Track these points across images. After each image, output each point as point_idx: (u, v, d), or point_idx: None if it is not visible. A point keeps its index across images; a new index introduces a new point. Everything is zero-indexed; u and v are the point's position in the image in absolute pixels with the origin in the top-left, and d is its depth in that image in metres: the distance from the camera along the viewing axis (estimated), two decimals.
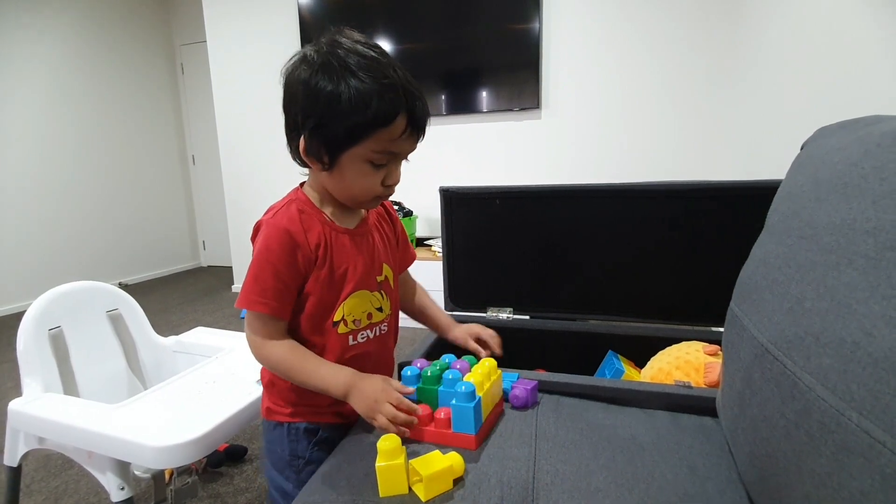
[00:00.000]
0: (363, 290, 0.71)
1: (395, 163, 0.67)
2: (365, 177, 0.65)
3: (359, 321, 0.72)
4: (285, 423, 0.73)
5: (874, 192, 0.42)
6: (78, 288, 1.12)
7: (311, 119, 0.63)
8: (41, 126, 3.36)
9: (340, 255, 0.69)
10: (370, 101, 0.60)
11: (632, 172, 2.56)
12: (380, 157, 0.64)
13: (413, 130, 0.64)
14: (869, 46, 1.44)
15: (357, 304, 0.71)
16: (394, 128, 0.62)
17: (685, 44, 2.41)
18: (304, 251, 0.66)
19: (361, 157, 0.63)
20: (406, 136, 0.63)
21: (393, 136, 0.62)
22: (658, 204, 1.05)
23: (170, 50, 4.27)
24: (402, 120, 0.62)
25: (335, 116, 0.61)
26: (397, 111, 0.61)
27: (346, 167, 0.65)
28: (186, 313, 3.07)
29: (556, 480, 0.57)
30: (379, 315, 0.74)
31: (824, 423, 0.39)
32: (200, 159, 4.41)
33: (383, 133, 0.62)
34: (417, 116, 0.63)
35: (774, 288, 0.52)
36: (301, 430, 0.72)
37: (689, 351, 0.91)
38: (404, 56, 2.80)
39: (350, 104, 0.60)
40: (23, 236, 3.27)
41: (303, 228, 0.66)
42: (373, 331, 0.74)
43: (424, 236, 2.88)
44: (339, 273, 0.69)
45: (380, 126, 0.61)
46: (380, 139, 0.62)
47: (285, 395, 0.73)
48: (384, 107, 0.60)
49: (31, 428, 0.93)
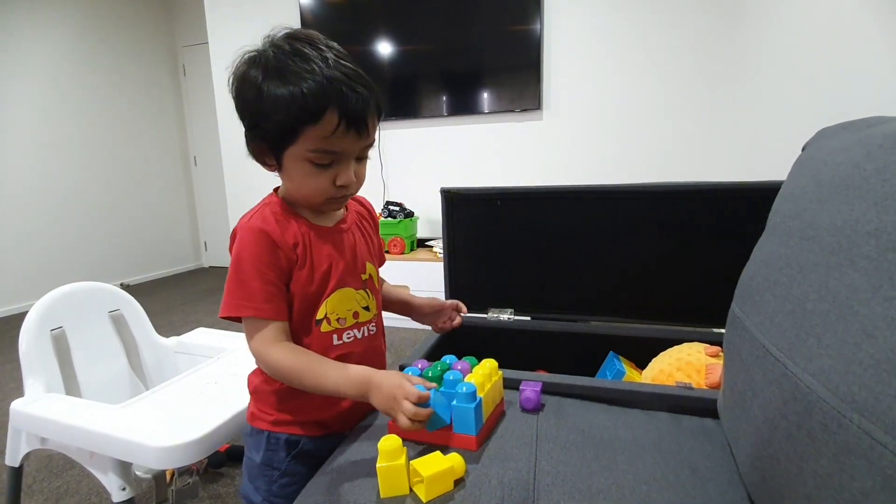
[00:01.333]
0: (347, 288, 0.70)
1: (342, 162, 0.63)
2: (311, 177, 0.62)
3: (343, 320, 0.70)
4: (265, 431, 0.70)
5: (876, 193, 0.42)
6: (80, 289, 1.12)
7: (246, 120, 0.62)
8: (43, 127, 3.37)
9: (320, 253, 0.67)
10: (293, 98, 0.57)
11: (633, 173, 2.56)
12: (319, 157, 0.61)
13: (350, 126, 0.59)
14: (870, 47, 1.44)
15: (341, 302, 0.69)
16: (324, 124, 0.58)
17: (686, 45, 2.41)
18: (284, 250, 0.64)
19: (300, 156, 0.61)
20: (341, 132, 0.59)
21: (325, 133, 0.59)
22: (659, 205, 1.05)
23: (172, 51, 4.28)
24: (332, 116, 0.58)
25: (263, 115, 0.59)
26: (324, 107, 0.57)
27: (290, 168, 0.63)
28: (188, 314, 3.08)
29: (557, 481, 0.57)
30: (366, 314, 0.73)
31: (826, 424, 0.39)
32: (202, 160, 4.42)
33: (314, 130, 0.59)
34: (351, 111, 0.59)
35: (776, 289, 0.52)
36: (282, 440, 0.70)
37: (691, 352, 0.91)
38: (406, 58, 2.81)
39: (274, 102, 0.58)
40: (25, 237, 3.28)
41: (279, 229, 0.64)
42: (360, 331, 0.72)
43: (425, 237, 2.88)
44: (319, 271, 0.67)
45: (306, 123, 0.58)
46: (312, 137, 0.59)
47: (270, 404, 0.71)
48: (308, 103, 0.57)
49: (33, 428, 0.94)
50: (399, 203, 2.74)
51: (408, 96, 2.86)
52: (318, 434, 0.71)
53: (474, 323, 1.16)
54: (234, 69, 0.63)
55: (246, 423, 0.74)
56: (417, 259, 2.57)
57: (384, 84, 2.82)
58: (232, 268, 0.64)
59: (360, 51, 2.80)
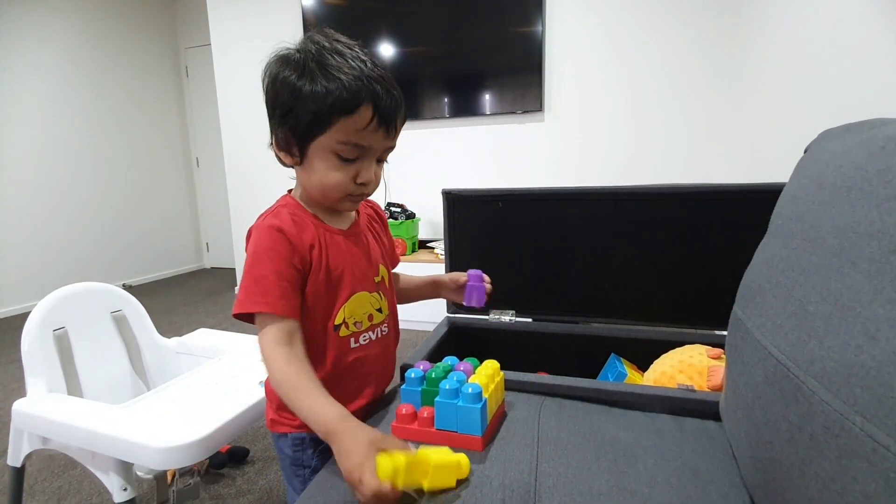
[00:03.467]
0: (362, 292, 0.71)
1: (366, 159, 0.65)
2: (334, 171, 0.64)
3: (360, 323, 0.71)
4: (290, 433, 0.71)
5: (878, 195, 0.42)
6: (82, 289, 1.13)
7: (278, 109, 0.63)
8: (46, 129, 3.38)
9: (336, 256, 0.68)
10: (332, 88, 0.59)
11: (635, 175, 2.56)
12: (347, 150, 0.62)
13: (381, 123, 0.62)
14: (873, 49, 1.44)
15: (357, 306, 0.70)
16: (358, 117, 0.60)
17: (688, 47, 2.41)
18: (300, 252, 0.64)
19: (328, 147, 0.62)
20: (373, 128, 0.62)
21: (358, 127, 0.61)
22: (661, 207, 1.05)
23: (175, 53, 4.30)
24: (366, 110, 0.61)
25: (299, 103, 0.61)
26: (360, 99, 0.60)
27: (314, 160, 0.64)
28: (190, 315, 3.08)
29: (558, 483, 0.57)
30: (379, 316, 0.74)
31: (828, 426, 0.39)
32: (204, 162, 4.43)
33: (347, 122, 0.60)
34: (384, 108, 0.62)
35: (778, 291, 0.51)
36: (307, 439, 0.70)
37: (693, 354, 0.91)
38: (408, 59, 2.81)
39: (312, 91, 0.60)
40: (28, 238, 3.29)
41: (296, 230, 0.65)
42: (375, 332, 0.73)
43: (427, 238, 2.88)
44: (335, 275, 0.67)
45: (342, 113, 0.60)
46: (344, 129, 0.61)
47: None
48: (346, 94, 0.59)
49: (35, 428, 0.94)
50: (401, 204, 2.74)
51: (409, 98, 2.85)
52: None
53: (476, 324, 1.16)
54: (271, 58, 0.64)
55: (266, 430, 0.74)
56: (419, 260, 2.57)
57: None
58: (247, 266, 0.64)
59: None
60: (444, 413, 0.63)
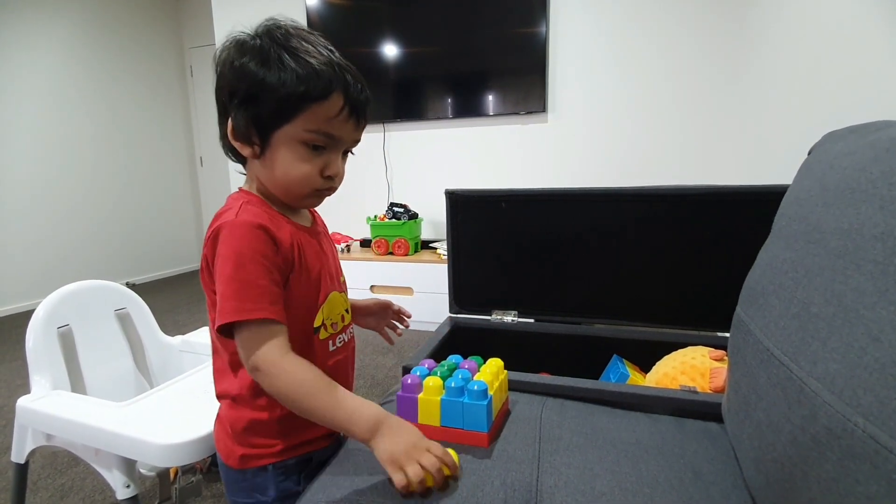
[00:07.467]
0: (335, 292, 0.67)
1: (333, 151, 0.61)
2: (301, 162, 0.59)
3: (336, 324, 0.67)
4: (270, 464, 0.62)
5: (882, 197, 0.42)
6: (86, 287, 1.13)
7: (237, 94, 0.57)
8: (51, 127, 3.40)
9: (311, 255, 0.64)
10: (302, 73, 0.55)
11: (638, 176, 2.55)
12: (316, 138, 0.58)
13: (351, 113, 0.59)
14: (877, 51, 1.44)
15: (333, 307, 0.66)
16: (329, 104, 0.57)
17: (692, 48, 2.40)
18: (283, 250, 0.59)
19: (295, 136, 0.58)
20: (343, 117, 0.58)
21: (329, 115, 0.57)
22: (665, 208, 1.05)
23: (179, 53, 4.32)
24: (337, 97, 0.57)
25: (264, 88, 0.56)
26: (332, 86, 0.57)
27: (278, 150, 0.58)
28: (193, 313, 3.09)
29: (559, 483, 0.57)
30: (348, 317, 0.71)
31: (830, 428, 0.39)
32: (208, 161, 4.44)
33: (318, 109, 0.57)
34: (354, 98, 0.59)
35: (781, 293, 0.51)
36: (291, 465, 0.63)
37: (695, 356, 0.91)
38: (411, 60, 2.81)
39: (280, 76, 0.55)
40: (33, 236, 3.31)
41: (275, 227, 0.59)
42: (346, 334, 0.70)
43: (429, 239, 2.88)
44: (314, 274, 0.63)
45: (314, 100, 0.56)
46: (314, 116, 0.57)
47: (273, 433, 0.62)
48: (318, 80, 0.56)
49: (39, 425, 0.94)
50: (403, 205, 2.74)
51: (413, 98, 2.86)
52: (327, 444, 0.68)
53: (478, 325, 1.16)
54: (226, 43, 0.60)
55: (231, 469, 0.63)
56: (421, 261, 2.57)
57: (389, 86, 2.83)
58: (229, 268, 0.55)
59: (366, 53, 2.81)
60: (450, 410, 0.64)
